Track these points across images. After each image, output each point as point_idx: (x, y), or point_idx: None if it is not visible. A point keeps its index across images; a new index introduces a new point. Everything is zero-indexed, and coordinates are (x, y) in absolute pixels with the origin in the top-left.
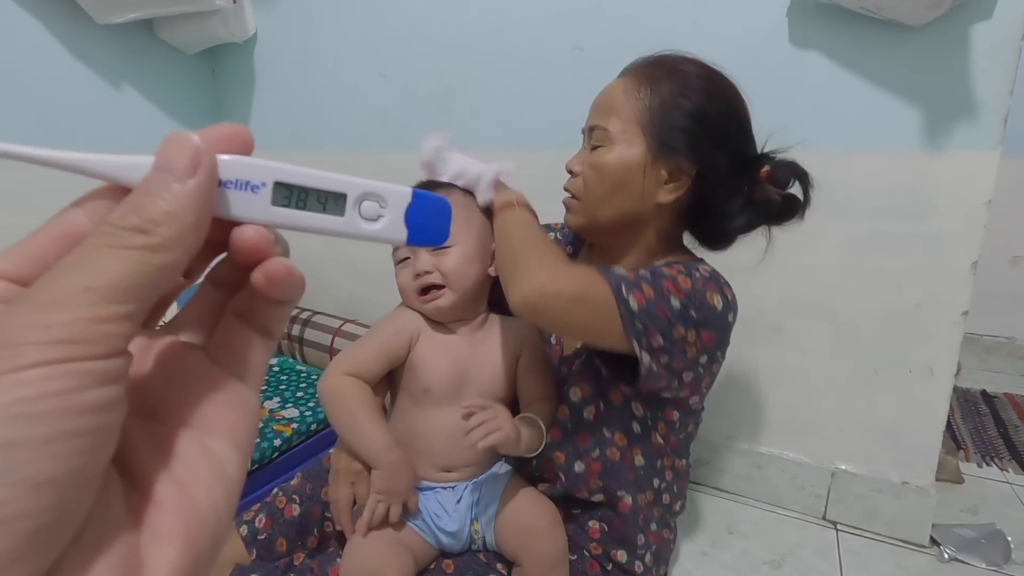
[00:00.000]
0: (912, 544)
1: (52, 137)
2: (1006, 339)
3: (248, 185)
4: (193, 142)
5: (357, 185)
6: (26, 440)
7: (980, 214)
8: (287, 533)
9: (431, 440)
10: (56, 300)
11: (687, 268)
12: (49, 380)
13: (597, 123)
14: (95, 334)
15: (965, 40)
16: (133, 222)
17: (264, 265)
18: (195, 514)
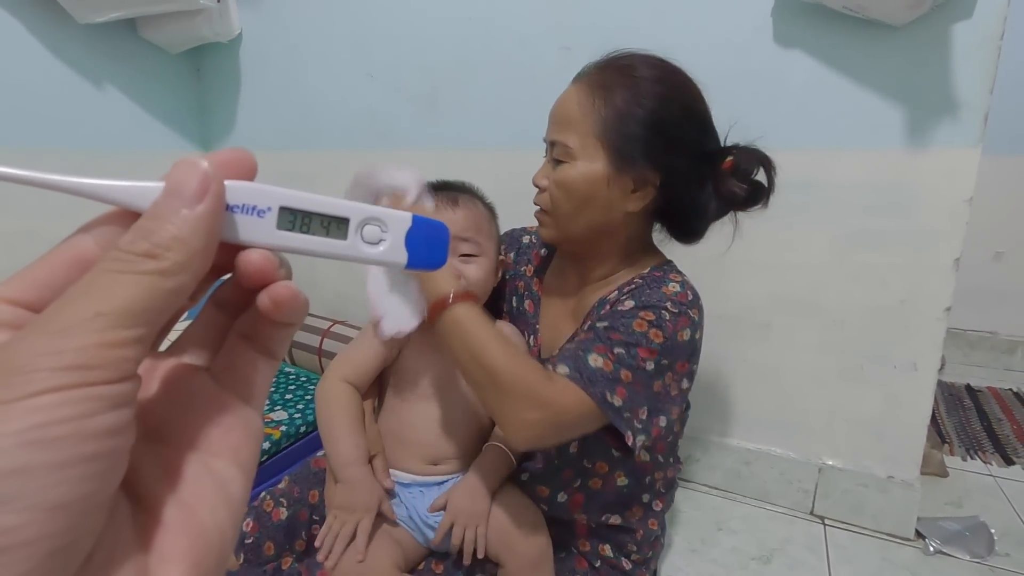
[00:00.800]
0: (898, 537)
1: (33, 138)
2: (989, 334)
3: (254, 210)
4: (202, 168)
5: (360, 210)
6: (40, 466)
7: (962, 211)
8: (274, 536)
9: (418, 432)
10: (68, 326)
11: (656, 312)
12: (62, 406)
13: (557, 138)
14: (106, 359)
15: (946, 39)
16: (143, 247)
17: (270, 289)
18: (201, 535)
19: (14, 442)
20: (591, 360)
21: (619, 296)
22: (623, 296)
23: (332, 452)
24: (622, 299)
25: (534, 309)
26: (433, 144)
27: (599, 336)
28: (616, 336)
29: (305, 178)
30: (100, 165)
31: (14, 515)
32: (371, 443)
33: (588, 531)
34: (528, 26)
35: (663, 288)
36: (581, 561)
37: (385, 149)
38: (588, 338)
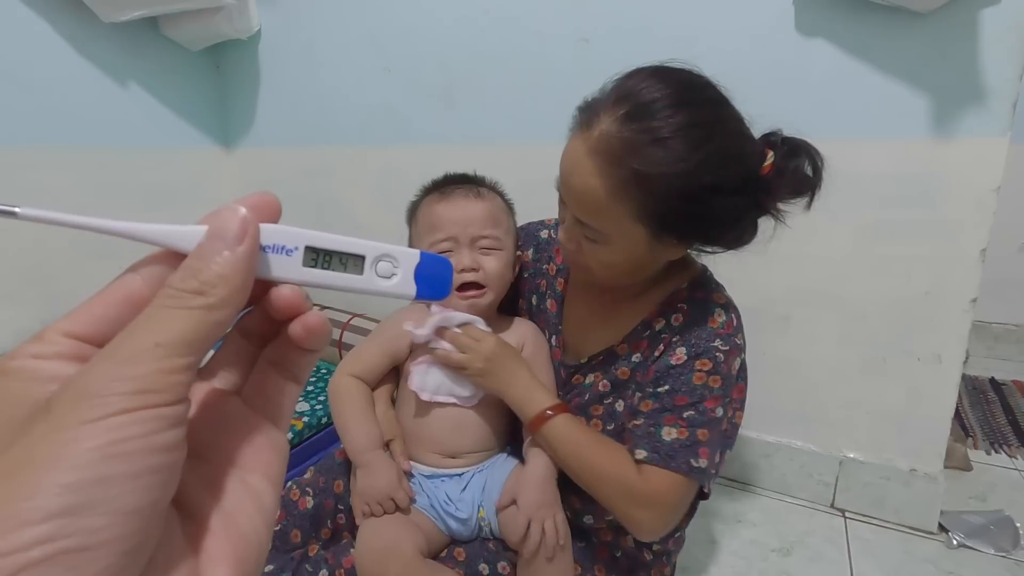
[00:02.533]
0: (920, 531)
1: (58, 135)
2: (1015, 326)
3: (283, 249)
4: (241, 214)
5: (374, 248)
6: (118, 475)
7: (989, 201)
8: (301, 525)
9: (433, 427)
10: (133, 355)
11: (711, 358)
12: (133, 424)
13: (584, 220)
14: (166, 384)
15: (973, 26)
16: (193, 285)
17: (303, 318)
18: (242, 540)
19: (97, 456)
20: (665, 435)
21: (666, 325)
22: (671, 332)
23: (347, 442)
24: (672, 342)
25: (556, 308)
26: (450, 139)
27: (665, 406)
28: (682, 400)
29: (323, 173)
30: (124, 161)
31: (99, 517)
32: (387, 428)
33: (609, 523)
34: (545, 18)
35: (710, 320)
36: (602, 551)
37: (402, 144)
38: (655, 409)
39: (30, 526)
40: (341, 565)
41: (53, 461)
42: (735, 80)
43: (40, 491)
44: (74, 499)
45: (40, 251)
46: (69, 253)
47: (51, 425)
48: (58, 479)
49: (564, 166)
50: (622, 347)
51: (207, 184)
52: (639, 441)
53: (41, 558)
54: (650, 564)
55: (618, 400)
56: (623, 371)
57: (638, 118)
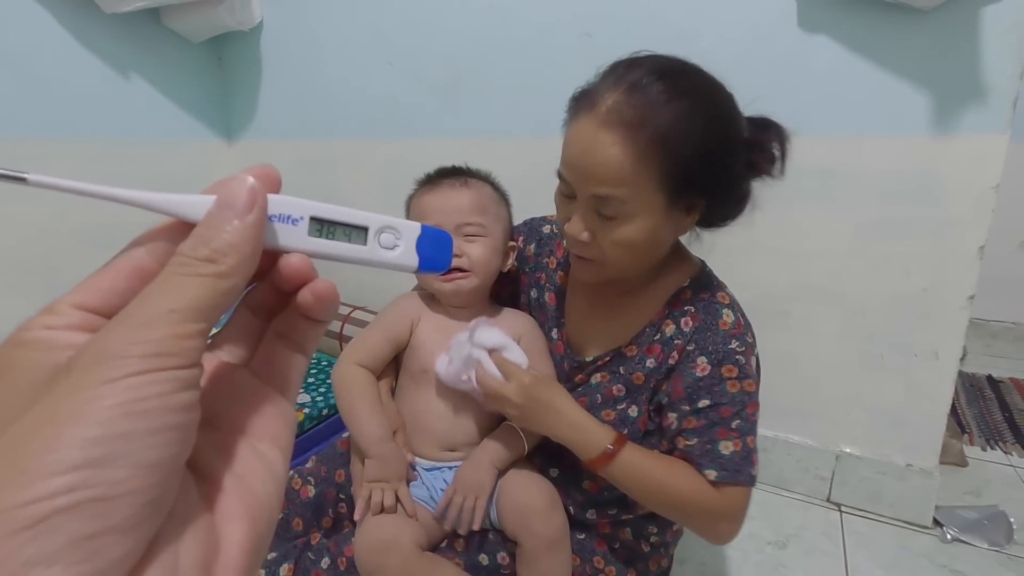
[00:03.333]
0: (915, 525)
1: (60, 127)
2: (1012, 324)
3: (289, 219)
4: (250, 183)
5: (377, 219)
6: (138, 431)
7: (988, 198)
8: (303, 513)
9: (431, 420)
10: (148, 320)
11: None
12: (151, 385)
13: (603, 193)
14: (180, 348)
15: (975, 24)
16: (204, 253)
17: (312, 285)
18: (255, 502)
19: (119, 412)
20: (723, 449)
21: (677, 330)
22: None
23: (357, 432)
24: (688, 350)
25: (556, 302)
26: (453, 133)
27: (713, 420)
28: (727, 412)
29: (325, 166)
30: (125, 153)
31: (122, 470)
32: (391, 419)
33: (611, 516)
34: (549, 13)
35: (720, 323)
36: (600, 543)
37: (405, 137)
38: (704, 425)
39: (56, 476)
40: (343, 554)
41: (75, 417)
42: (738, 75)
43: (64, 444)
44: (97, 452)
45: (44, 241)
46: (72, 243)
47: (72, 384)
48: (81, 433)
49: (574, 149)
50: (630, 349)
51: (209, 176)
52: (702, 460)
53: (67, 505)
54: (648, 555)
55: (632, 405)
56: (637, 376)
57: (644, 87)
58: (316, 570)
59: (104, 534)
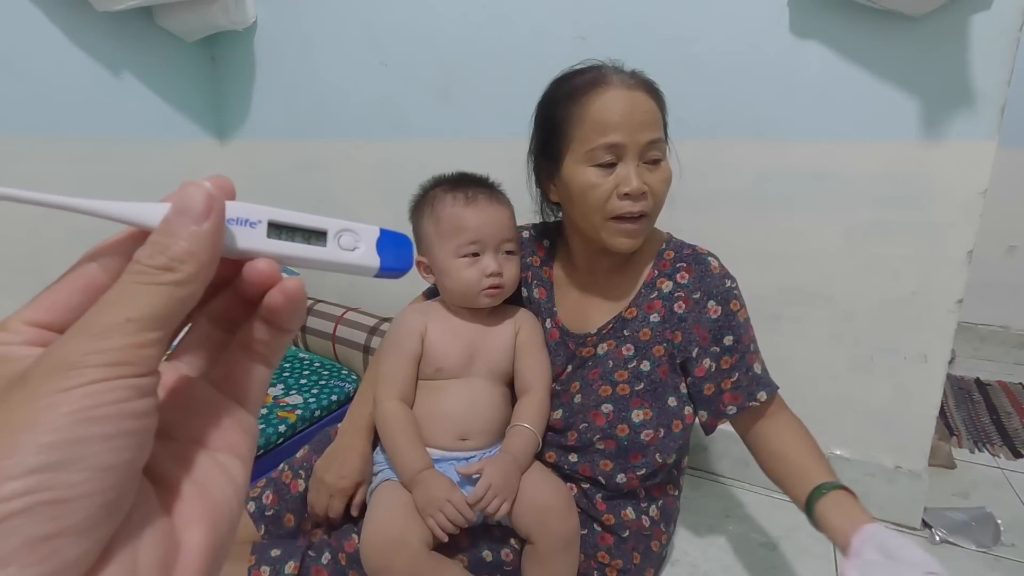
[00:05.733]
0: (904, 527)
1: (51, 125)
2: (1000, 328)
3: (247, 222)
4: (206, 188)
5: (336, 224)
6: (94, 436)
7: (976, 203)
8: (294, 508)
9: (447, 408)
10: (106, 330)
11: (735, 297)
12: (107, 392)
13: (655, 136)
14: (137, 356)
15: (964, 30)
16: (161, 261)
17: (281, 284)
18: (215, 507)
19: (72, 420)
20: (756, 370)
21: (675, 285)
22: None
23: (400, 465)
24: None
25: (547, 295)
26: (447, 134)
27: (742, 352)
28: (746, 339)
29: (318, 166)
30: (117, 152)
31: (77, 473)
32: None
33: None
34: (542, 15)
35: (711, 268)
36: (604, 537)
37: (399, 138)
38: (739, 359)
39: (11, 480)
40: (343, 549)
41: (30, 424)
42: (730, 79)
43: (19, 450)
44: (53, 456)
45: (34, 241)
46: (63, 243)
47: (27, 393)
48: (36, 440)
49: (618, 112)
50: (630, 311)
51: (200, 176)
52: (752, 388)
53: (22, 508)
54: (649, 534)
55: (643, 361)
56: (644, 333)
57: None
58: (316, 566)
59: (60, 536)
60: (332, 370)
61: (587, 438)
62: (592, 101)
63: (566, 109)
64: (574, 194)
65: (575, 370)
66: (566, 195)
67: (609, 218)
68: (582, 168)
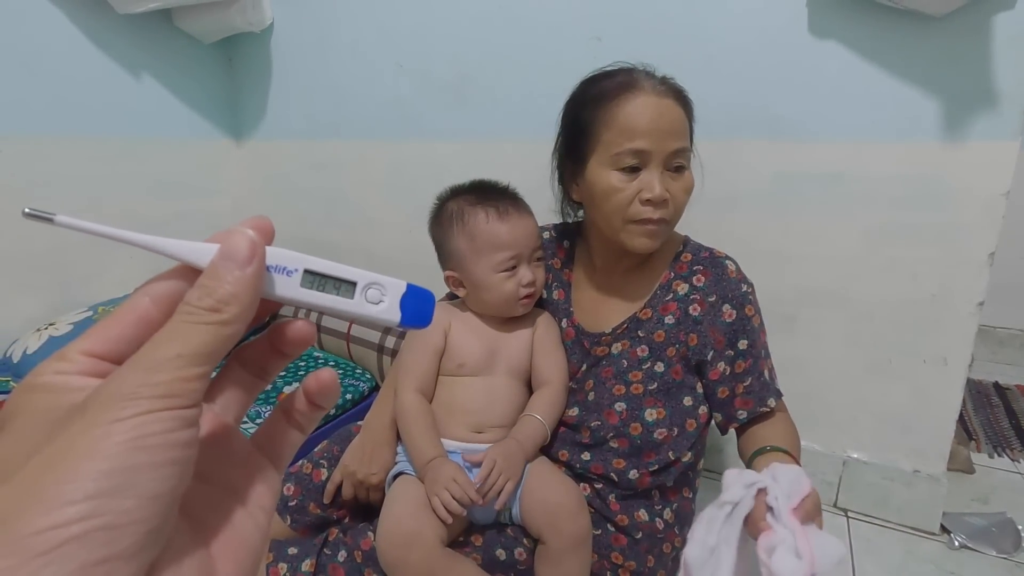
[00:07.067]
0: (923, 532)
1: (72, 126)
2: (1020, 331)
3: (285, 270)
4: (250, 236)
5: (366, 276)
6: (144, 465)
7: (998, 205)
8: (317, 498)
9: (464, 402)
10: (158, 364)
11: (750, 302)
12: (157, 422)
13: (681, 145)
14: (184, 389)
15: (987, 30)
16: (208, 303)
17: (316, 374)
18: (243, 545)
19: (126, 448)
20: (767, 376)
21: (691, 287)
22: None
23: (415, 452)
24: (710, 301)
25: (564, 296)
26: (461, 135)
27: (755, 356)
28: (760, 343)
29: (333, 167)
30: (135, 152)
31: (128, 500)
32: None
33: (623, 505)
34: (558, 16)
35: (727, 272)
36: (618, 538)
37: (414, 139)
38: (752, 363)
39: (71, 505)
40: (359, 547)
41: (89, 452)
42: (748, 80)
43: (79, 476)
44: (107, 483)
45: (53, 240)
46: (83, 242)
47: (87, 422)
48: (94, 467)
49: (647, 118)
50: (645, 312)
51: (217, 176)
52: (763, 394)
53: (80, 533)
54: (663, 536)
55: (657, 362)
56: (658, 334)
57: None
58: (333, 564)
59: (110, 560)
60: (347, 369)
61: (600, 436)
62: (621, 106)
63: (594, 111)
64: (596, 196)
65: (589, 368)
66: (588, 196)
67: (630, 221)
68: (606, 171)
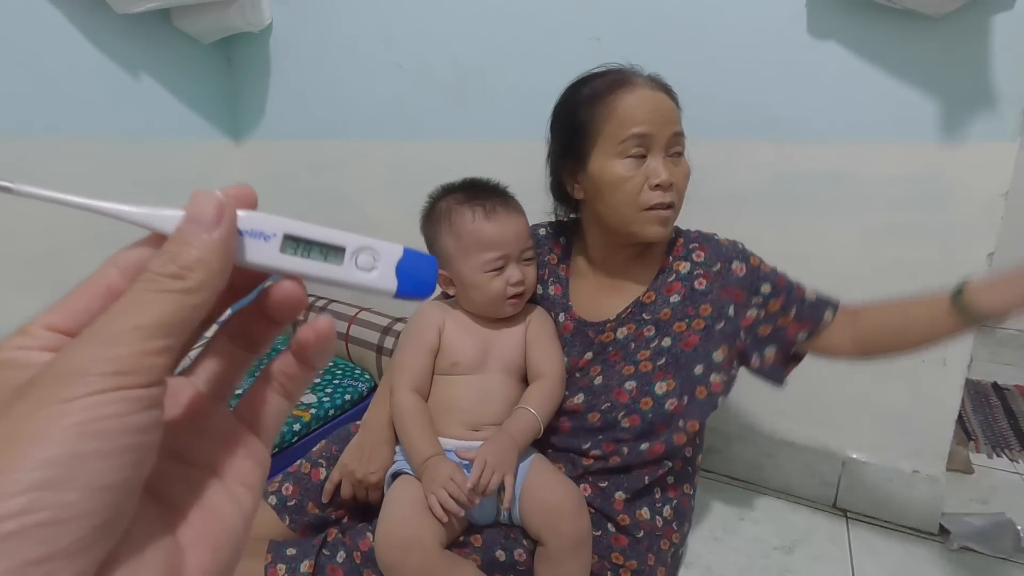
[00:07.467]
0: (922, 532)
1: (70, 125)
2: (1018, 331)
3: (261, 235)
4: (217, 197)
5: (355, 240)
6: (92, 452)
7: (998, 205)
8: (315, 497)
9: (460, 400)
10: (112, 337)
11: (752, 254)
12: (108, 404)
13: (680, 129)
14: (142, 365)
15: (985, 30)
16: (171, 269)
17: (313, 323)
18: (221, 531)
19: (73, 433)
20: (812, 297)
21: (692, 264)
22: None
23: (411, 452)
24: (715, 270)
25: (562, 291)
26: (461, 135)
27: (787, 290)
28: (783, 280)
29: (332, 167)
30: (134, 152)
31: (72, 492)
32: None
33: (626, 502)
34: (557, 16)
35: (720, 242)
36: (618, 538)
37: (413, 139)
38: (784, 299)
39: (10, 498)
40: (358, 547)
41: (34, 437)
42: (746, 80)
43: (22, 465)
44: (50, 473)
45: (50, 237)
46: (78, 240)
47: (33, 403)
48: (38, 453)
49: (647, 107)
50: (648, 295)
51: (216, 176)
52: (817, 312)
53: (16, 529)
54: (661, 533)
55: (664, 338)
56: (664, 313)
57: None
58: (332, 565)
59: (52, 559)
60: (345, 370)
61: (611, 416)
62: (619, 99)
63: (591, 109)
64: (604, 188)
65: (595, 356)
66: (594, 190)
67: (642, 209)
68: (612, 161)
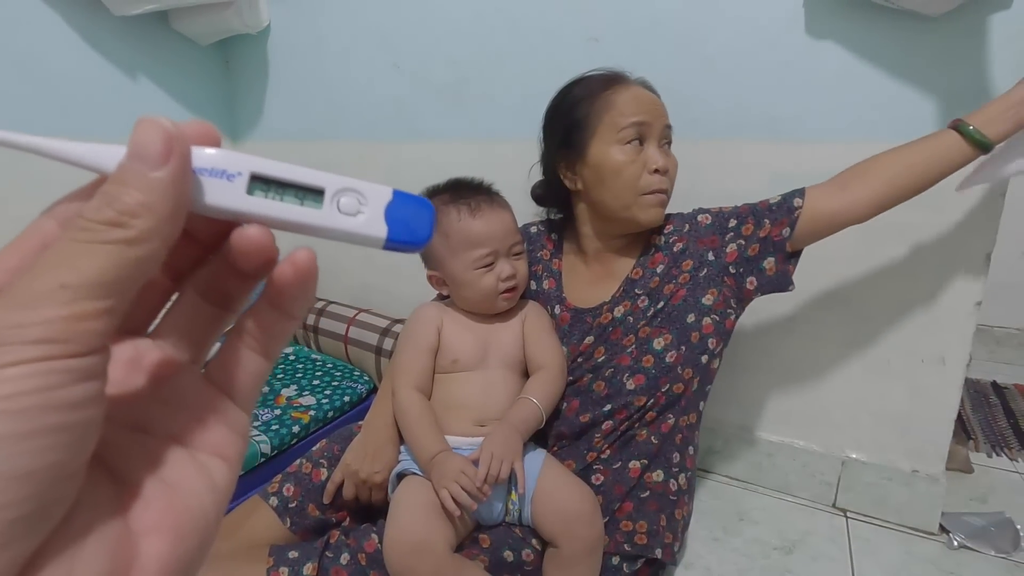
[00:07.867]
0: (921, 531)
1: (67, 127)
2: (1017, 330)
3: (223, 174)
4: (164, 127)
5: (337, 180)
6: (6, 435)
7: (996, 205)
8: (316, 499)
9: (463, 397)
10: (34, 299)
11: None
12: (27, 378)
13: (669, 123)
14: (72, 332)
15: (983, 30)
16: (108, 215)
17: (292, 256)
18: (185, 513)
19: None
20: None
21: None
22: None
23: (418, 450)
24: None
25: (555, 285)
26: (458, 135)
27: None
28: (744, 208)
29: (330, 168)
30: None
31: None
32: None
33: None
34: (555, 17)
35: (683, 214)
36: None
37: (411, 140)
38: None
39: None
40: (363, 549)
41: None
42: (744, 80)
43: None
44: None
45: None
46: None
47: None
48: None
49: (643, 101)
50: (635, 272)
51: None
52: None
53: None
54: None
55: (658, 302)
56: (654, 281)
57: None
58: (336, 567)
59: None
60: (344, 371)
61: (617, 381)
62: (617, 93)
63: (589, 104)
64: (606, 173)
65: (596, 338)
66: (595, 177)
67: (641, 193)
68: (612, 148)
